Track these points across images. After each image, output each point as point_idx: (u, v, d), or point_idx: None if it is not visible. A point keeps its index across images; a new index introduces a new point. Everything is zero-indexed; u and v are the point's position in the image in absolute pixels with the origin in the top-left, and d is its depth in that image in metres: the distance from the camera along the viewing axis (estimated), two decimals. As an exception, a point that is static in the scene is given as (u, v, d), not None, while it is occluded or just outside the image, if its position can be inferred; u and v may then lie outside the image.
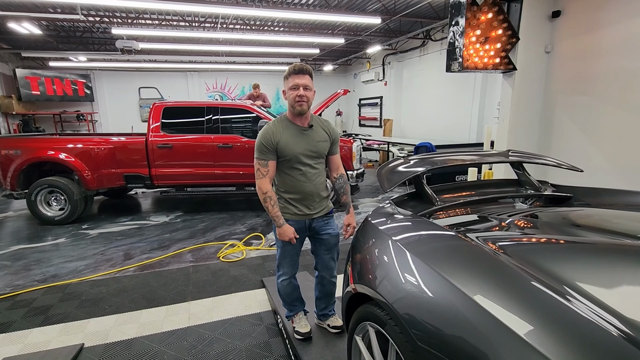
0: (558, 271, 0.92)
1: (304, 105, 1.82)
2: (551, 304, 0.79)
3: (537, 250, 1.12)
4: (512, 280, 0.91)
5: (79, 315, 2.74)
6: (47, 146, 5.10)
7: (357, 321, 1.31)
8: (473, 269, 1.00)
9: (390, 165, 1.72)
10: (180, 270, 3.55)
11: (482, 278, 0.95)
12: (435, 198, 1.61)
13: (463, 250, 1.10)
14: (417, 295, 1.02)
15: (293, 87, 1.81)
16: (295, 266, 2.07)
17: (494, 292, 0.89)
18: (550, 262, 0.99)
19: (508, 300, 0.84)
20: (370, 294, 1.17)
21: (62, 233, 4.77)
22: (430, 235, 1.26)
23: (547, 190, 1.88)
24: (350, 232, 1.98)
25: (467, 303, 0.87)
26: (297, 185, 1.90)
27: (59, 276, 3.45)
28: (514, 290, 0.88)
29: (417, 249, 1.15)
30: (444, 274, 0.98)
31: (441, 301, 0.94)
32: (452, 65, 3.65)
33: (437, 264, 1.04)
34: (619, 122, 3.43)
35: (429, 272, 1.03)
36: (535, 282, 0.86)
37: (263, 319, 2.68)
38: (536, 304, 0.81)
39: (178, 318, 2.69)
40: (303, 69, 1.81)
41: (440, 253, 1.13)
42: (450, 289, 0.93)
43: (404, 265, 1.11)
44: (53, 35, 8.04)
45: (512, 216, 1.48)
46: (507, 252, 1.08)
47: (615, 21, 3.40)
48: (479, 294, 0.88)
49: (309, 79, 1.83)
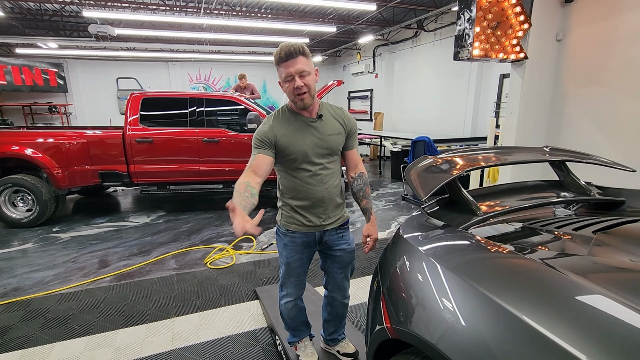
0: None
1: (306, 97, 1.46)
2: None
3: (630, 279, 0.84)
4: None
5: (43, 338, 2.35)
6: (11, 140, 4.58)
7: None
8: (566, 307, 0.71)
9: (419, 167, 1.41)
10: (162, 279, 3.19)
11: (579, 320, 0.67)
12: (477, 206, 1.31)
13: (551, 283, 0.80)
14: (494, 346, 0.72)
15: (287, 78, 1.44)
16: (301, 286, 1.75)
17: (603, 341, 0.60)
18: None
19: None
20: (423, 347, 0.86)
21: (30, 237, 4.31)
22: (494, 259, 0.96)
23: (595, 193, 1.61)
24: (370, 245, 1.65)
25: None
26: (306, 190, 1.56)
27: (22, 289, 3.03)
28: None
29: (489, 282, 0.84)
30: (537, 323, 0.68)
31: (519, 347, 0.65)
32: (460, 52, 3.37)
33: (513, 301, 0.75)
34: (635, 115, 3.23)
35: (515, 320, 0.73)
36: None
37: (258, 338, 2.36)
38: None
39: (160, 339, 2.34)
40: (291, 51, 1.41)
41: (517, 284, 0.83)
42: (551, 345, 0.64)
43: (472, 306, 0.81)
44: (19, 18, 7.35)
45: (577, 230, 1.19)
46: (593, 280, 0.79)
47: (633, 7, 3.18)
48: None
49: (303, 60, 1.43)
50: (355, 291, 2.61)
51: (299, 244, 1.64)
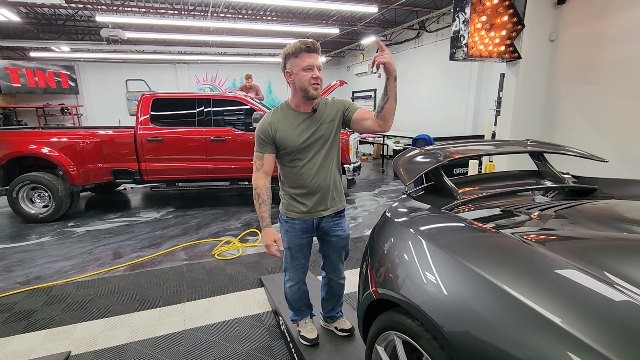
0: (613, 267, 0.80)
1: (319, 88, 1.63)
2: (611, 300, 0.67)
3: (586, 248, 0.99)
4: (584, 287, 0.77)
5: (65, 320, 2.55)
6: (29, 140, 4.82)
7: (379, 330, 1.16)
8: (538, 276, 0.84)
9: (406, 157, 1.58)
10: (173, 269, 3.38)
11: (551, 287, 0.81)
12: (456, 191, 1.47)
13: (512, 250, 0.96)
14: (464, 304, 0.87)
15: (307, 67, 1.58)
16: (303, 271, 1.91)
17: (569, 303, 0.74)
18: (604, 258, 0.87)
19: (587, 313, 0.71)
20: (399, 301, 1.03)
21: (47, 231, 4.54)
22: (469, 233, 1.12)
23: (570, 181, 1.76)
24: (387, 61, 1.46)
25: (527, 311, 0.74)
26: (303, 179, 1.71)
27: (43, 277, 3.25)
28: (591, 298, 0.75)
29: (460, 250, 1.00)
30: (496, 279, 0.84)
31: (494, 310, 0.80)
32: (456, 53, 3.52)
33: (485, 266, 0.90)
34: (625, 112, 3.35)
35: (476, 276, 0.89)
36: (597, 280, 0.74)
37: (263, 320, 2.53)
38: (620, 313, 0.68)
39: (172, 321, 2.53)
40: (315, 46, 1.59)
41: (488, 253, 0.98)
42: (506, 296, 0.79)
43: (445, 269, 0.97)
44: (33, 23, 7.64)
45: (543, 210, 1.35)
46: (554, 249, 0.95)
47: (624, 8, 3.30)
48: (551, 307, 0.73)
49: (319, 58, 1.64)
50: (353, 279, 2.78)
51: (298, 229, 1.80)
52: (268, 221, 1.72)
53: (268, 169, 1.71)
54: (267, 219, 1.71)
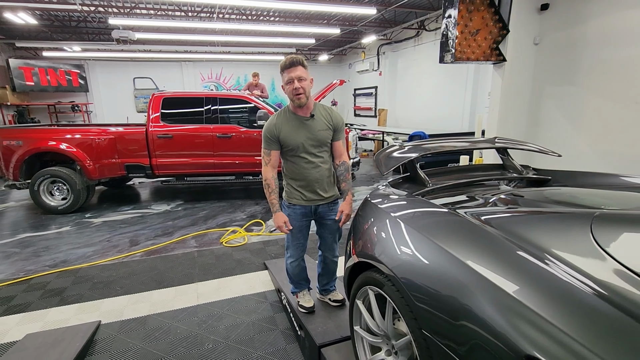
0: (530, 237, 1.10)
1: (302, 97, 1.91)
2: (525, 263, 0.96)
3: (514, 221, 1.29)
4: (496, 247, 1.07)
5: (93, 295, 2.90)
6: (48, 136, 5.17)
7: (358, 287, 1.48)
8: (464, 238, 1.15)
9: (386, 151, 1.88)
10: (185, 254, 3.71)
11: (472, 245, 1.11)
12: (427, 180, 1.78)
13: (455, 223, 1.26)
14: (414, 261, 1.19)
15: (288, 81, 1.89)
16: (302, 249, 2.22)
17: (482, 256, 1.04)
18: (525, 230, 1.17)
19: (493, 263, 1.01)
20: (372, 261, 1.35)
21: (66, 222, 4.89)
22: (426, 211, 1.43)
23: (529, 173, 2.06)
24: (344, 219, 2.03)
25: (458, 265, 1.04)
26: (302, 173, 2.02)
27: (69, 261, 3.60)
28: (498, 254, 1.05)
29: (415, 223, 1.32)
30: (439, 243, 1.14)
31: (435, 265, 1.11)
32: (445, 56, 3.80)
33: (432, 234, 1.21)
34: (601, 111, 3.63)
35: (425, 241, 1.20)
36: (514, 246, 1.03)
37: (267, 297, 2.86)
38: (515, 264, 0.98)
39: (187, 297, 2.87)
40: (294, 61, 1.86)
41: (435, 226, 1.29)
42: (444, 254, 1.10)
43: (403, 237, 1.28)
44: (47, 25, 7.99)
45: (495, 195, 1.66)
46: (491, 224, 1.25)
47: (599, 14, 3.56)
48: (470, 258, 1.03)
49: (302, 69, 1.88)
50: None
51: (298, 214, 2.12)
52: (277, 207, 2.06)
53: (275, 163, 2.04)
54: (276, 204, 2.05)
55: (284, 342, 2.31)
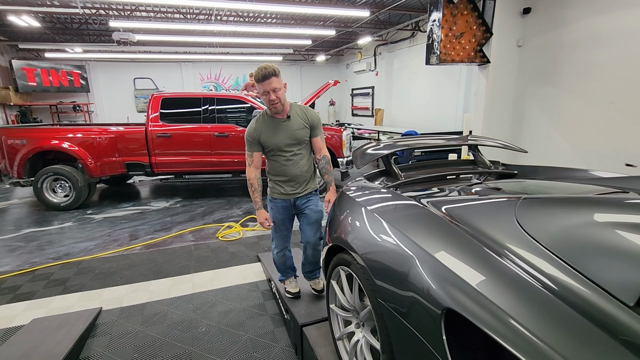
0: (470, 219, 1.27)
1: (278, 105, 2.06)
2: (461, 238, 1.14)
3: (460, 208, 1.46)
4: (440, 227, 1.25)
5: (95, 285, 3.08)
6: (51, 136, 5.35)
7: (332, 268, 1.65)
8: (417, 222, 1.33)
9: (363, 148, 2.06)
10: (182, 248, 3.89)
11: (422, 227, 1.29)
12: (400, 174, 1.95)
13: (414, 212, 1.44)
14: (375, 242, 1.36)
15: (264, 92, 2.03)
16: (286, 240, 2.40)
17: (427, 235, 1.22)
18: (467, 215, 1.35)
19: (435, 239, 1.19)
20: (342, 244, 1.52)
21: (68, 218, 5.07)
22: (390, 201, 1.60)
23: (498, 168, 2.23)
24: (330, 206, 2.25)
25: (407, 242, 1.21)
26: (283, 170, 2.20)
27: (72, 254, 3.78)
28: (441, 233, 1.22)
29: (379, 210, 1.49)
30: (397, 227, 1.32)
31: (389, 243, 1.28)
32: (430, 58, 3.97)
33: (392, 220, 1.38)
34: (580, 111, 3.79)
35: (384, 225, 1.37)
36: (463, 232, 1.20)
37: (259, 286, 3.03)
38: (452, 240, 1.15)
39: (183, 287, 3.04)
40: (266, 74, 1.96)
41: (396, 213, 1.47)
42: (401, 238, 1.26)
43: (366, 221, 1.46)
44: (50, 27, 8.17)
45: (459, 188, 1.83)
46: (442, 210, 1.43)
47: (579, 18, 3.73)
48: (417, 237, 1.20)
49: (276, 80, 1.98)
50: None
51: (280, 207, 2.30)
52: (260, 204, 2.25)
53: (257, 164, 2.21)
54: (259, 202, 2.24)
55: (272, 325, 2.48)
